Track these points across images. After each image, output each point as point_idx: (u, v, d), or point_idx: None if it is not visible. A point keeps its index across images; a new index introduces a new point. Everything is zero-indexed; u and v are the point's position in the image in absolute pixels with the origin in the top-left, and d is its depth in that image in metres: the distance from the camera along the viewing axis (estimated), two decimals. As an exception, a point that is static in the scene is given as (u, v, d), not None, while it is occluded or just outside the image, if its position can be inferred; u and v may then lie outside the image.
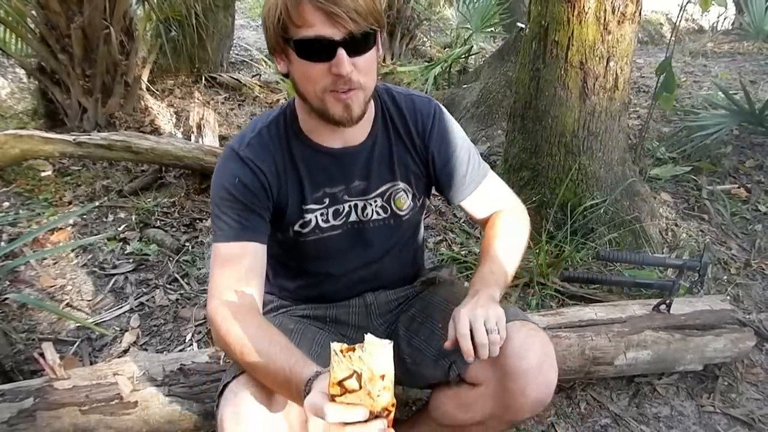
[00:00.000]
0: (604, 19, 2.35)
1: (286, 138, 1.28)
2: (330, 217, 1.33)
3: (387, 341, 0.85)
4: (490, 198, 1.43)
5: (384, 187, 1.35)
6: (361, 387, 0.82)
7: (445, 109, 1.40)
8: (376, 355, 0.83)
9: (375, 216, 1.37)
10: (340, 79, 1.08)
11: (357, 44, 1.07)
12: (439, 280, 1.55)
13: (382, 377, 0.83)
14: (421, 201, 1.45)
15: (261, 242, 1.25)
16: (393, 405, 0.84)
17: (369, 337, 0.84)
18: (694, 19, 6.94)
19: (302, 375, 0.99)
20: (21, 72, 4.39)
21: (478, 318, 1.12)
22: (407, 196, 1.38)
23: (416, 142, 1.35)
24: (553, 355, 1.23)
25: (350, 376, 0.83)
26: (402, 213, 1.39)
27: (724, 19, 6.68)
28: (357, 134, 1.29)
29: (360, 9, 1.04)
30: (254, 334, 1.10)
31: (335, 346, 0.83)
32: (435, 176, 1.40)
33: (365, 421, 0.82)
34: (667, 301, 1.99)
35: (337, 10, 1.02)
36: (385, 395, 0.83)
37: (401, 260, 1.51)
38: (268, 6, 1.09)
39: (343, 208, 1.33)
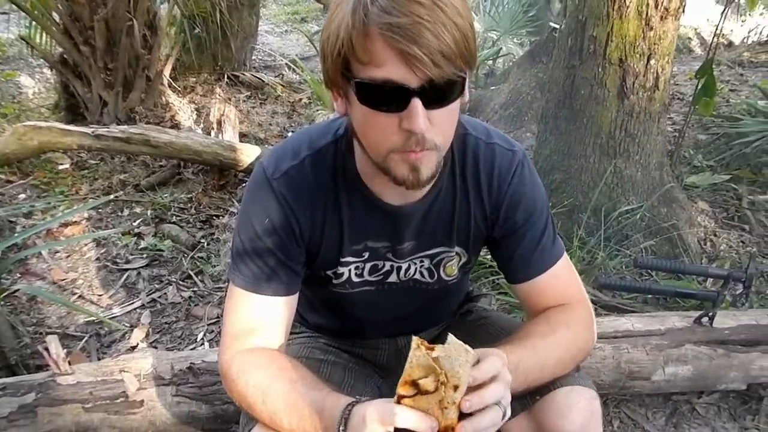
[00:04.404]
0: (647, 14, 2.24)
1: (334, 177, 1.04)
2: (365, 273, 1.13)
3: (470, 349, 0.79)
4: (554, 289, 1.13)
5: (436, 250, 1.13)
6: (436, 390, 0.77)
7: (530, 165, 1.12)
8: (456, 362, 0.77)
9: (418, 276, 1.16)
10: (412, 136, 0.85)
11: (438, 94, 0.83)
12: (475, 311, 1.40)
13: (455, 388, 0.77)
14: (474, 259, 1.23)
15: (288, 295, 1.07)
16: (454, 429, 0.78)
17: (451, 339, 0.79)
18: (724, 35, 6.80)
19: (338, 404, 0.87)
20: (48, 72, 4.41)
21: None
22: (461, 259, 1.16)
23: (485, 199, 1.10)
24: (600, 414, 1.07)
25: (426, 376, 0.77)
26: (450, 279, 1.19)
27: (758, 33, 6.53)
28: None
29: (447, 51, 0.78)
30: (276, 376, 0.96)
31: (416, 339, 0.78)
32: (496, 242, 1.15)
33: None
34: (710, 314, 1.87)
35: (417, 52, 0.77)
36: (452, 410, 0.77)
37: (442, 311, 1.36)
38: (329, 31, 0.85)
39: (383, 265, 1.13)
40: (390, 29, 0.77)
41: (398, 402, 0.78)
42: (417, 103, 0.81)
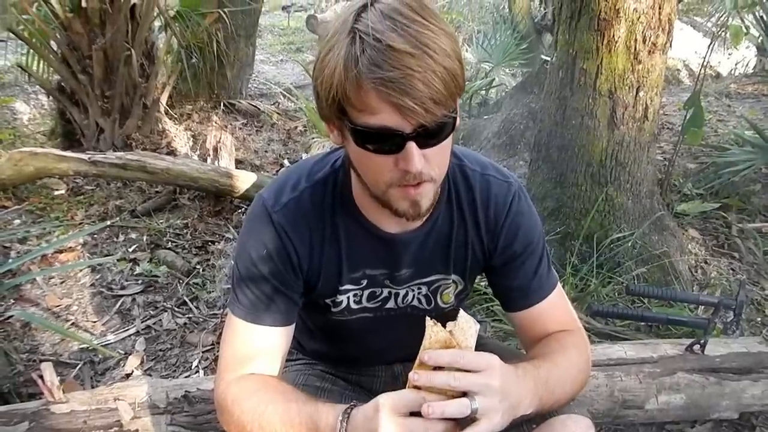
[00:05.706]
0: (635, 48, 2.30)
1: (332, 208, 1.06)
2: (364, 300, 1.15)
3: (475, 321, 0.87)
4: (550, 317, 1.15)
5: (433, 278, 1.15)
6: None
7: (525, 195, 1.15)
8: (467, 333, 0.85)
9: (415, 303, 1.18)
10: (408, 173, 0.88)
11: (431, 135, 0.86)
12: None
13: None
14: (470, 287, 1.25)
15: (285, 325, 1.08)
16: None
17: (462, 313, 0.87)
18: (712, 66, 6.94)
19: (334, 410, 0.89)
20: (44, 99, 4.43)
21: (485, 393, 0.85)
22: (457, 287, 1.18)
23: (482, 231, 1.12)
24: None
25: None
26: (446, 306, 1.19)
27: (744, 66, 6.66)
28: None
29: (438, 96, 0.81)
30: (271, 400, 0.97)
31: (430, 319, 0.86)
32: (493, 272, 1.17)
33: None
34: (702, 341, 1.87)
35: (409, 104, 0.79)
36: None
37: None
38: (322, 75, 0.86)
39: (381, 292, 1.14)
40: (383, 84, 0.79)
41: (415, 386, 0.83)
42: (412, 146, 0.85)
